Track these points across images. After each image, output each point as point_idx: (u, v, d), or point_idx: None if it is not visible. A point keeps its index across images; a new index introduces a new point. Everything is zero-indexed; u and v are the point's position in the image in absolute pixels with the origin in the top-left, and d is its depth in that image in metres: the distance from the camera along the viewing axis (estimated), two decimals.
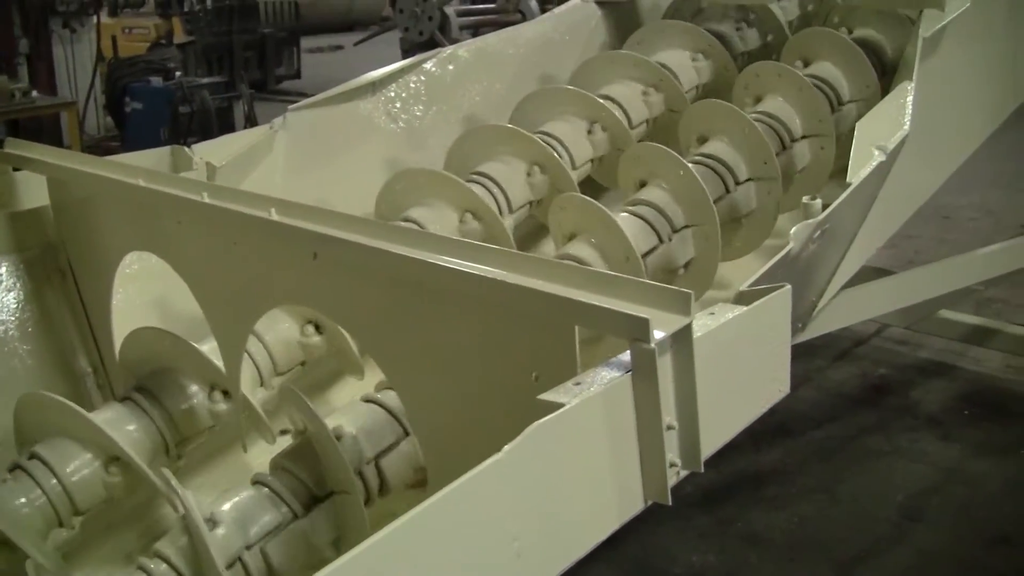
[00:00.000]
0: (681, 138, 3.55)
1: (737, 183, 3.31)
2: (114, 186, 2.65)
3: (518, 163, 3.34)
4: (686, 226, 3.13)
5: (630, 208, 3.12)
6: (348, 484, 2.32)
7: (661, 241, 3.07)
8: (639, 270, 2.87)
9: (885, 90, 3.41)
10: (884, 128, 3.02)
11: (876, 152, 2.91)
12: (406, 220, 3.07)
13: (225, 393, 2.66)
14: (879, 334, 6.16)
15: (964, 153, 4.00)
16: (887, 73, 3.78)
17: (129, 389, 2.71)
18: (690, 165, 3.17)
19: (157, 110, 10.70)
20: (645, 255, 2.98)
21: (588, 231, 3.00)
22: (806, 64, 3.78)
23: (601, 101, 3.60)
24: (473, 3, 17.59)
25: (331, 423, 2.39)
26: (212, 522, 2.20)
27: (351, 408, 2.55)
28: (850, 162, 2.88)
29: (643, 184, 3.22)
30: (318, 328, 2.87)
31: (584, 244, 2.97)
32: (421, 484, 2.46)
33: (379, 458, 2.45)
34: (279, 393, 2.80)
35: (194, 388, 2.71)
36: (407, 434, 2.48)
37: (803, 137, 3.54)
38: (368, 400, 2.54)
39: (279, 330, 2.86)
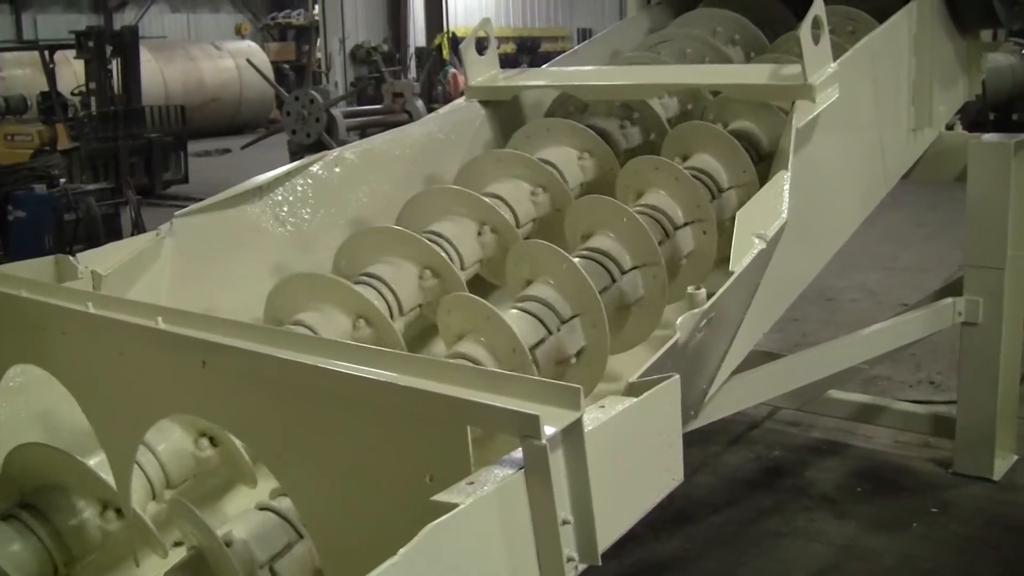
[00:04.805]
0: (567, 235, 3.60)
1: (623, 272, 3.36)
2: None
3: (409, 266, 3.35)
4: (574, 316, 3.15)
5: (518, 304, 3.14)
6: None
7: (549, 332, 3.08)
8: (527, 363, 2.89)
9: (763, 176, 3.51)
10: (763, 217, 3.10)
11: (756, 240, 2.99)
12: (296, 324, 3.05)
13: (118, 511, 2.59)
14: (771, 417, 6.25)
15: (842, 237, 4.12)
16: (763, 159, 3.88)
17: (12, 506, 2.63)
18: (575, 259, 3.21)
19: (41, 218, 10.49)
20: (533, 347, 3.00)
21: (476, 329, 3.01)
22: (685, 157, 3.87)
23: (489, 201, 3.63)
24: (360, 104, 17.79)
25: (222, 531, 2.35)
26: None
27: (243, 516, 2.52)
28: (732, 251, 2.95)
29: (530, 281, 3.26)
30: (212, 440, 2.83)
31: (473, 343, 2.98)
32: None
33: (272, 562, 2.42)
34: (170, 505, 2.74)
35: (83, 504, 2.64)
36: (301, 537, 2.45)
37: (685, 224, 3.61)
38: (261, 507, 2.51)
39: (171, 441, 2.80)
